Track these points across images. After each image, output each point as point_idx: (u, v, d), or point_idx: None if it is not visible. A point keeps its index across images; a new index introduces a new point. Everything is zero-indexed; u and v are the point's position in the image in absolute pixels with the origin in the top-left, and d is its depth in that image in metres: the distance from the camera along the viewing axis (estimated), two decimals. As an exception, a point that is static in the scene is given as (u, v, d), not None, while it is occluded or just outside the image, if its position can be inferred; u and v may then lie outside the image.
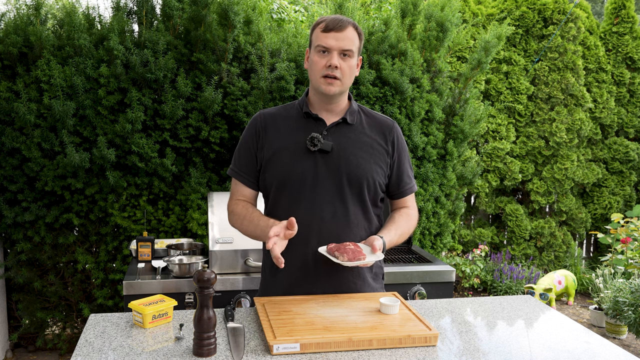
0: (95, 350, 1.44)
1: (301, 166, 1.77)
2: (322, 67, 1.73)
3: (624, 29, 5.61)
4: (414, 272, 2.88)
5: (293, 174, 1.77)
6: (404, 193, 1.92)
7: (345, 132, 1.82)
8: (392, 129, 1.88)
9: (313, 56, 1.77)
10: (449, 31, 3.72)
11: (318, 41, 1.74)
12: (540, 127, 5.45)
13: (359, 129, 1.84)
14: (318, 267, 1.79)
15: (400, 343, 1.50)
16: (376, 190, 1.84)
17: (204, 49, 3.29)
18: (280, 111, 1.87)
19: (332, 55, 1.72)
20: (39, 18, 3.22)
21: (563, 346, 1.58)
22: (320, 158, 1.77)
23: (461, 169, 4.02)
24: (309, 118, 1.82)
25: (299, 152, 1.78)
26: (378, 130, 1.86)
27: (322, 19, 1.76)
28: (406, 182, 1.92)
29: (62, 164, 3.10)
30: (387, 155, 1.86)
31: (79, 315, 3.49)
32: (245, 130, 1.88)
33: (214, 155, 3.36)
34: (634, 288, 3.90)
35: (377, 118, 1.90)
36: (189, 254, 2.89)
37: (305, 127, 1.81)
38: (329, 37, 1.72)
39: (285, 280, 1.83)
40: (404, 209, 1.93)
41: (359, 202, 1.82)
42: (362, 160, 1.80)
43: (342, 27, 1.72)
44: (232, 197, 1.90)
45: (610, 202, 5.69)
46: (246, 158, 1.85)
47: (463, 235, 5.43)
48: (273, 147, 1.80)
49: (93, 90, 3.17)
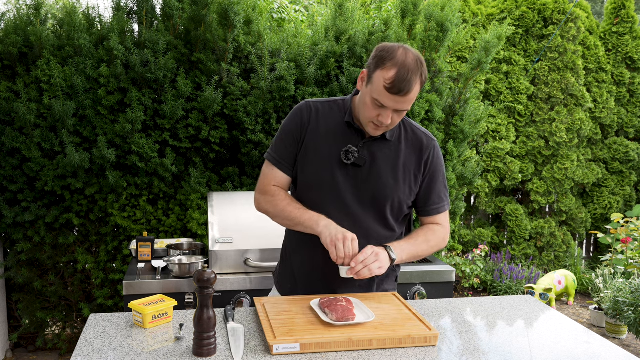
0: (95, 350, 1.44)
1: (330, 174, 1.76)
2: (374, 116, 1.66)
3: (624, 29, 5.61)
4: (414, 272, 2.88)
5: (322, 181, 1.76)
6: (430, 212, 1.87)
7: (382, 147, 1.78)
8: (429, 148, 1.83)
9: (367, 100, 1.65)
10: (449, 31, 3.72)
11: (378, 95, 1.61)
12: (540, 127, 5.45)
13: (395, 145, 1.80)
14: (330, 277, 1.81)
15: (400, 343, 1.50)
16: (400, 209, 1.83)
17: (204, 49, 3.29)
18: (325, 108, 1.82)
19: (388, 114, 1.64)
20: (39, 18, 3.22)
21: (563, 346, 1.58)
22: (351, 170, 1.76)
23: (461, 169, 4.02)
24: (350, 128, 1.78)
25: (332, 161, 1.76)
26: (415, 148, 1.82)
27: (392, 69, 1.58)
28: (434, 202, 1.86)
29: (62, 164, 3.10)
30: (419, 174, 1.82)
31: (79, 315, 3.49)
32: (290, 118, 1.82)
33: (214, 155, 3.36)
34: (634, 288, 3.90)
35: (417, 134, 1.84)
36: (189, 254, 2.89)
37: (343, 136, 1.77)
38: (390, 99, 1.60)
39: (299, 274, 1.88)
40: (430, 225, 1.88)
41: (381, 218, 1.81)
42: (391, 179, 1.78)
43: (409, 91, 1.59)
44: (266, 181, 1.84)
45: (610, 202, 5.69)
46: (290, 146, 1.80)
47: (463, 235, 5.43)
48: (309, 148, 1.78)
49: (93, 90, 3.17)
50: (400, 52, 1.61)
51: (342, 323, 1.53)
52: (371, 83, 1.63)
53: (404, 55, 1.60)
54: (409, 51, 1.62)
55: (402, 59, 1.59)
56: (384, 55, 1.61)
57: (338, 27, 3.52)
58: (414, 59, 1.60)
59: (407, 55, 1.60)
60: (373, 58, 1.65)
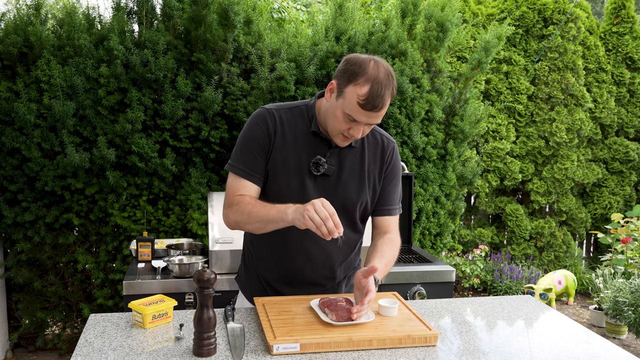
0: (95, 350, 1.44)
1: (300, 185, 1.73)
2: (344, 129, 1.64)
3: (624, 29, 5.60)
4: (414, 272, 2.88)
5: (291, 191, 1.73)
6: (383, 212, 1.86)
7: (348, 154, 1.78)
8: (389, 150, 1.84)
9: (338, 114, 1.62)
10: (449, 31, 3.72)
11: (350, 110, 1.59)
12: (540, 127, 5.45)
13: (359, 151, 1.80)
14: (303, 284, 1.83)
15: (400, 343, 1.50)
16: (367, 211, 1.84)
17: (204, 49, 3.29)
18: (288, 116, 1.76)
19: (359, 128, 1.63)
20: (39, 18, 3.22)
21: (563, 346, 1.58)
22: (320, 180, 1.75)
23: (461, 169, 4.02)
24: (316, 136, 1.75)
25: (301, 171, 1.73)
26: (376, 151, 1.82)
27: (364, 85, 1.56)
28: (388, 202, 1.85)
29: (62, 164, 3.10)
30: (381, 176, 1.83)
31: (79, 315, 3.49)
32: (253, 127, 1.75)
33: (214, 155, 3.36)
34: (634, 288, 3.90)
35: (377, 137, 1.84)
36: (189, 254, 2.89)
37: (309, 145, 1.75)
38: (363, 115, 1.58)
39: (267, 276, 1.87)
40: (387, 235, 1.85)
41: (351, 223, 1.82)
42: (358, 184, 1.78)
43: (382, 106, 1.58)
44: (233, 193, 1.74)
45: (610, 202, 5.69)
46: (259, 156, 1.73)
47: (463, 235, 5.43)
48: (277, 158, 1.74)
49: (93, 90, 3.17)
50: (372, 65, 1.58)
51: (342, 323, 1.53)
52: (342, 97, 1.60)
53: (376, 69, 1.57)
54: (380, 64, 1.59)
55: (374, 73, 1.56)
56: (356, 70, 1.58)
57: (338, 27, 3.52)
58: (385, 73, 1.58)
59: (379, 69, 1.58)
60: (344, 71, 1.61)
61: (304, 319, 1.59)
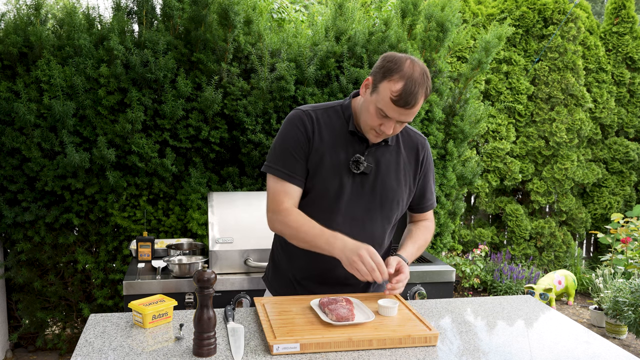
0: (95, 350, 1.44)
1: (339, 184, 1.76)
2: (376, 125, 1.68)
3: (624, 29, 5.61)
4: (414, 272, 2.88)
5: (330, 190, 1.76)
6: (425, 209, 1.97)
7: (384, 152, 1.81)
8: (424, 148, 1.89)
9: (371, 109, 1.66)
10: (449, 31, 3.72)
11: (383, 106, 1.62)
12: (540, 127, 5.45)
13: (395, 149, 1.84)
14: (333, 283, 1.85)
15: (400, 343, 1.50)
16: (403, 209, 1.89)
17: (204, 49, 3.29)
18: (324, 116, 1.79)
19: (390, 124, 1.66)
20: (39, 18, 3.22)
21: (563, 346, 1.58)
22: (358, 178, 1.78)
23: (461, 169, 4.02)
24: (354, 135, 1.78)
25: (340, 170, 1.76)
26: (411, 149, 1.87)
27: (399, 81, 1.59)
28: (428, 199, 1.96)
29: (62, 164, 3.10)
30: (417, 174, 1.88)
31: (79, 315, 3.49)
32: (292, 129, 1.76)
33: (214, 155, 3.36)
34: (634, 288, 3.90)
35: (411, 135, 1.89)
36: (189, 254, 2.89)
37: (348, 145, 1.77)
38: (395, 111, 1.62)
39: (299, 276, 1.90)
40: (422, 222, 1.99)
41: (387, 221, 1.86)
42: (395, 182, 1.82)
43: (415, 104, 1.61)
44: (277, 198, 1.76)
45: (610, 202, 5.69)
46: (300, 159, 1.75)
47: (463, 235, 5.43)
48: (316, 158, 1.75)
49: (93, 90, 3.17)
50: (408, 64, 1.62)
51: (342, 323, 1.53)
52: (377, 92, 1.64)
53: (411, 67, 1.61)
54: (416, 64, 1.63)
55: (409, 71, 1.60)
56: (391, 67, 1.62)
57: (338, 27, 3.52)
58: (421, 72, 1.62)
59: (414, 68, 1.61)
60: (380, 68, 1.65)
61: (304, 319, 1.59)
